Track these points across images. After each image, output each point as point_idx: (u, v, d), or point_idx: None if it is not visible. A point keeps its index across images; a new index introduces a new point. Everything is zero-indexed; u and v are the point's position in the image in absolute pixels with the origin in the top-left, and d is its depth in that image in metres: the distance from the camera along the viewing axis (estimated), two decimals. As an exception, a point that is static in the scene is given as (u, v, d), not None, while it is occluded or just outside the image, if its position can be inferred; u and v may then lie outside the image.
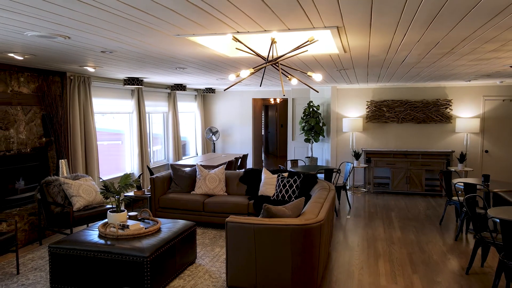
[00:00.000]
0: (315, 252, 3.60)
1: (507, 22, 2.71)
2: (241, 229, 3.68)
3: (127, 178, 4.29)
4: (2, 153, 5.26)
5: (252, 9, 2.42)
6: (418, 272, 4.39)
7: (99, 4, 2.29)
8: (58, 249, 3.84)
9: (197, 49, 3.94)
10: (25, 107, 5.64)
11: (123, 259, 3.65)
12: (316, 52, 4.10)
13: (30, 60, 4.75)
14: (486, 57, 4.37)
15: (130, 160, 7.97)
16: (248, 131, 10.79)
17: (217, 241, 5.38)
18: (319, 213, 3.88)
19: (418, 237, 5.62)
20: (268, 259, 3.62)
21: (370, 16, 2.57)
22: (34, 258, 4.75)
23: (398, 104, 8.97)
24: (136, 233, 3.97)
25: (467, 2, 2.26)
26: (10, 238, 4.18)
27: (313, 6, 2.33)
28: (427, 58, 4.45)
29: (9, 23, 2.80)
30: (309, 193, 5.41)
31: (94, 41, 3.51)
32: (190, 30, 3.03)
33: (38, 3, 2.29)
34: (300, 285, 3.58)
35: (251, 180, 6.25)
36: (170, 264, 4.01)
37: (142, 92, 7.95)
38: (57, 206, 5.10)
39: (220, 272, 4.31)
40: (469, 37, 3.27)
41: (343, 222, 6.42)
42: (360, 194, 8.64)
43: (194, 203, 5.94)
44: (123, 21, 2.73)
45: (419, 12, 2.48)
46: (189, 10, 2.43)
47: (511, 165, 8.50)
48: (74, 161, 6.31)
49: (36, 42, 3.55)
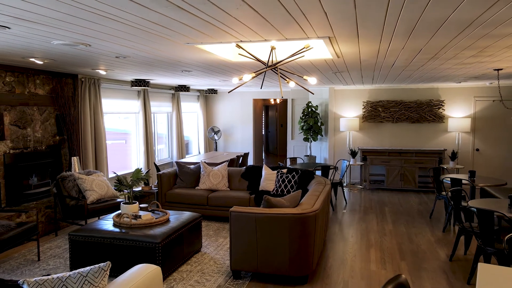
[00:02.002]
0: (310, 239, 3.98)
1: (476, 33, 3.09)
2: (244, 218, 4.06)
3: (138, 173, 4.68)
4: (20, 150, 5.65)
5: (254, 23, 2.80)
6: (406, 259, 4.77)
7: (119, 18, 2.67)
8: (77, 237, 4.22)
9: (203, 55, 4.32)
10: (40, 108, 6.02)
11: (136, 245, 4.04)
12: (312, 57, 4.48)
13: (47, 63, 5.13)
14: (469, 61, 4.75)
15: (137, 157, 8.36)
16: (249, 131, 11.17)
17: (221, 232, 5.77)
18: (314, 204, 4.26)
19: (408, 229, 6.00)
20: (268, 245, 4.00)
21: (356, 29, 2.96)
22: (52, 247, 5.14)
23: (393, 104, 9.35)
24: (147, 222, 4.36)
25: (437, 19, 2.64)
26: (32, 228, 4.57)
27: (306, 20, 2.71)
28: (414, 62, 4.83)
29: (38, 33, 3.19)
30: (306, 187, 5.79)
31: (111, 48, 3.90)
32: (199, 39, 3.41)
33: (66, 17, 2.67)
34: (297, 268, 3.97)
35: (252, 176, 6.64)
36: (179, 251, 4.40)
37: (148, 93, 8.34)
38: (72, 199, 5.49)
39: (224, 259, 4.70)
40: (448, 45, 3.65)
41: (339, 216, 6.80)
42: (357, 190, 9.02)
43: (198, 197, 6.33)
44: (139, 32, 3.12)
45: (398, 26, 2.86)
46: (198, 23, 2.82)
47: (501, 162, 8.88)
48: (85, 158, 6.69)
49: (58, 49, 3.93)
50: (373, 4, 2.29)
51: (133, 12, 2.50)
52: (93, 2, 2.27)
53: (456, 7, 2.35)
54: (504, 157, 8.85)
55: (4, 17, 2.65)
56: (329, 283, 4.10)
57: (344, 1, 2.22)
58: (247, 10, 2.43)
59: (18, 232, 4.33)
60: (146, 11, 2.47)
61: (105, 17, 2.63)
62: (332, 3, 2.27)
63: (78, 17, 2.62)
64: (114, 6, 2.36)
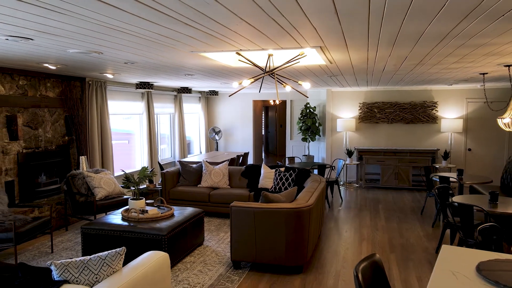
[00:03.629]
0: (305, 231, 4.31)
1: (453, 43, 3.42)
2: (244, 212, 4.39)
3: (145, 171, 5.01)
4: (32, 150, 5.98)
5: (252, 35, 3.13)
6: (395, 251, 5.10)
7: (131, 31, 3.00)
8: (89, 230, 4.56)
9: (205, 61, 4.65)
10: (51, 109, 6.36)
11: (144, 237, 4.37)
12: (307, 63, 4.81)
13: (59, 68, 5.46)
14: (454, 66, 5.07)
15: (140, 157, 8.69)
16: (249, 131, 11.50)
17: (222, 227, 6.10)
18: (309, 199, 4.59)
19: (399, 225, 6.32)
20: (265, 237, 4.32)
21: (344, 39, 3.28)
22: (63, 241, 5.47)
23: (388, 105, 9.67)
24: (154, 216, 4.69)
25: (415, 32, 2.96)
26: (46, 222, 4.90)
27: (298, 33, 3.04)
28: (402, 67, 5.16)
29: (57, 43, 3.52)
30: (302, 185, 6.12)
31: (121, 56, 4.23)
32: (202, 48, 3.74)
33: (82, 30, 3.00)
34: (292, 258, 4.29)
35: (252, 175, 6.97)
36: (183, 243, 4.73)
37: (151, 95, 8.67)
38: (81, 196, 5.82)
39: (225, 252, 5.03)
40: (430, 53, 3.97)
41: (335, 213, 7.12)
42: (353, 189, 9.35)
43: (201, 195, 6.66)
44: (149, 42, 3.45)
45: (381, 38, 3.19)
46: (203, 36, 3.15)
47: (492, 161, 9.20)
48: (92, 158, 7.02)
49: (73, 56, 4.26)
50: (355, 20, 2.62)
51: (144, 27, 2.83)
52: (107, 19, 2.60)
53: (429, 23, 2.68)
54: (494, 157, 9.17)
55: (29, 30, 2.98)
56: (322, 272, 4.42)
57: (329, 17, 2.55)
58: (246, 25, 2.76)
59: (34, 225, 4.66)
60: (156, 26, 2.79)
61: (118, 30, 2.95)
62: (319, 20, 2.60)
63: (93, 30, 2.95)
64: (127, 22, 2.69)
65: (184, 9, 2.34)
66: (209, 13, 2.44)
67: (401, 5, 2.24)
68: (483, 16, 2.48)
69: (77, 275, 2.55)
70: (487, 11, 2.37)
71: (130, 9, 2.33)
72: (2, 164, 5.47)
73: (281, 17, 2.52)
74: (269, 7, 2.29)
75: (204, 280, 4.19)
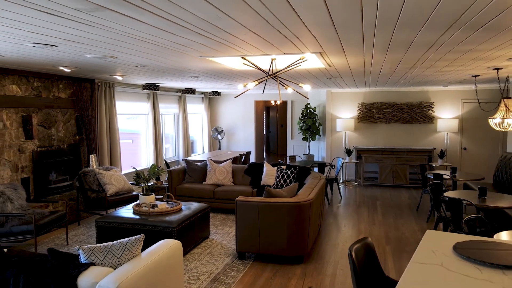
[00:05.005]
0: (305, 224, 4.61)
1: (441, 50, 3.72)
2: (248, 206, 4.69)
3: (154, 168, 5.31)
4: (45, 148, 6.29)
5: (257, 42, 3.43)
6: (390, 244, 5.40)
7: (146, 39, 3.30)
8: (103, 223, 4.86)
9: (212, 64, 4.95)
10: (63, 110, 6.66)
11: (155, 230, 4.67)
12: (308, 66, 5.11)
13: (72, 71, 5.76)
14: (446, 69, 5.37)
15: (146, 156, 9.00)
16: (251, 131, 11.80)
17: (226, 222, 6.40)
18: (309, 194, 4.89)
19: (396, 220, 6.63)
20: (269, 229, 4.63)
21: (341, 46, 3.59)
22: (77, 234, 5.78)
23: (386, 106, 9.97)
24: (163, 210, 4.99)
25: (405, 40, 3.26)
26: (62, 216, 5.21)
27: (299, 41, 3.34)
28: (398, 70, 5.46)
29: (77, 49, 3.82)
30: (303, 182, 6.42)
31: (134, 60, 4.53)
32: (210, 53, 4.04)
33: (101, 38, 3.30)
34: (293, 249, 4.60)
35: (254, 172, 7.27)
36: (191, 235, 5.03)
37: (157, 96, 8.97)
38: (93, 192, 6.12)
39: (230, 244, 5.33)
40: (422, 58, 4.27)
41: (334, 209, 7.43)
42: (352, 187, 9.65)
43: (206, 191, 6.96)
44: (161, 48, 3.75)
45: (375, 45, 3.49)
46: (213, 43, 3.45)
47: (487, 160, 9.50)
48: (101, 156, 7.33)
49: (88, 60, 4.56)
50: (351, 31, 2.92)
51: (159, 35, 3.13)
52: (127, 28, 2.90)
53: (416, 33, 2.98)
54: (489, 155, 9.47)
55: (55, 38, 3.28)
56: (321, 263, 4.73)
57: (327, 29, 2.85)
58: (252, 35, 3.06)
59: (51, 219, 4.97)
60: (171, 35, 3.10)
61: (135, 38, 3.26)
62: (318, 30, 2.90)
63: (112, 38, 3.25)
64: (144, 31, 2.99)
65: (199, 22, 2.64)
66: (220, 25, 2.74)
67: (390, 18, 2.54)
68: (464, 27, 2.78)
69: (102, 259, 2.86)
70: (467, 23, 2.67)
71: (150, 21, 2.63)
72: (18, 161, 5.78)
73: (284, 28, 2.82)
74: (273, 20, 2.59)
75: (212, 269, 4.49)
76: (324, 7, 2.26)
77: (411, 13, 2.39)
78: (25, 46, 3.59)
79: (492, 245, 2.62)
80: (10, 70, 5.52)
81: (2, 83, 5.50)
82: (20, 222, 4.70)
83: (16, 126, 5.75)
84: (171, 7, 2.27)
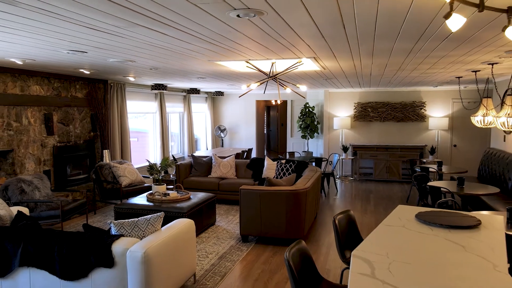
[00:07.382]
0: (302, 210, 5.17)
1: (419, 55, 4.28)
2: (251, 194, 5.25)
3: (166, 160, 5.87)
4: (64, 144, 6.86)
5: (259, 49, 3.99)
6: (379, 230, 5.95)
7: (161, 46, 3.87)
8: (121, 209, 5.42)
9: (218, 67, 5.51)
10: (79, 108, 7.23)
11: (168, 215, 5.23)
12: (305, 69, 5.67)
13: (91, 72, 6.32)
14: (429, 72, 5.93)
15: (153, 152, 9.57)
16: (252, 129, 12.37)
17: (230, 212, 6.96)
18: (306, 183, 5.45)
19: (386, 210, 7.18)
20: (269, 214, 5.18)
21: (332, 53, 4.14)
22: (94, 221, 6.34)
23: (381, 105, 10.53)
24: (174, 198, 5.55)
25: (386, 48, 3.82)
26: (83, 204, 5.77)
27: (296, 49, 3.90)
28: (386, 72, 6.01)
29: (103, 55, 4.38)
30: (301, 174, 6.98)
31: (148, 63, 5.09)
32: (218, 58, 4.60)
33: (126, 46, 3.87)
34: (291, 232, 5.15)
35: (256, 166, 7.83)
36: (199, 221, 5.59)
37: (163, 95, 9.54)
38: (108, 183, 6.69)
39: (234, 230, 5.89)
40: (405, 62, 4.83)
41: (330, 201, 7.98)
42: (348, 181, 10.21)
43: (211, 184, 7.53)
44: (174, 53, 4.31)
45: (361, 51, 4.05)
46: (221, 49, 4.01)
47: (475, 156, 10.05)
48: (113, 151, 7.89)
49: (107, 63, 5.12)
50: (338, 41, 3.48)
51: (174, 43, 3.69)
52: (147, 38, 3.46)
53: (393, 43, 3.54)
54: (477, 152, 10.02)
55: (86, 46, 3.84)
56: (317, 244, 5.29)
57: (318, 40, 3.41)
58: (255, 43, 3.62)
59: (75, 205, 5.53)
60: (184, 43, 3.66)
61: (153, 45, 3.82)
62: (311, 40, 3.46)
63: (133, 45, 3.82)
64: (162, 40, 3.55)
65: (212, 35, 3.20)
66: (229, 36, 3.30)
67: (368, 32, 3.09)
68: (432, 38, 3.33)
69: (129, 231, 3.42)
70: (433, 35, 3.23)
71: (171, 33, 3.19)
72: (41, 155, 6.35)
73: (282, 39, 3.38)
74: (273, 33, 3.15)
75: (218, 250, 5.05)
76: (313, 24, 2.81)
77: (384, 28, 2.95)
78: (59, 53, 4.15)
79: (444, 214, 3.30)
80: (34, 72, 6.08)
81: (27, 84, 6.07)
82: (47, 208, 5.27)
83: (39, 123, 6.31)
84: (190, 23, 2.83)
